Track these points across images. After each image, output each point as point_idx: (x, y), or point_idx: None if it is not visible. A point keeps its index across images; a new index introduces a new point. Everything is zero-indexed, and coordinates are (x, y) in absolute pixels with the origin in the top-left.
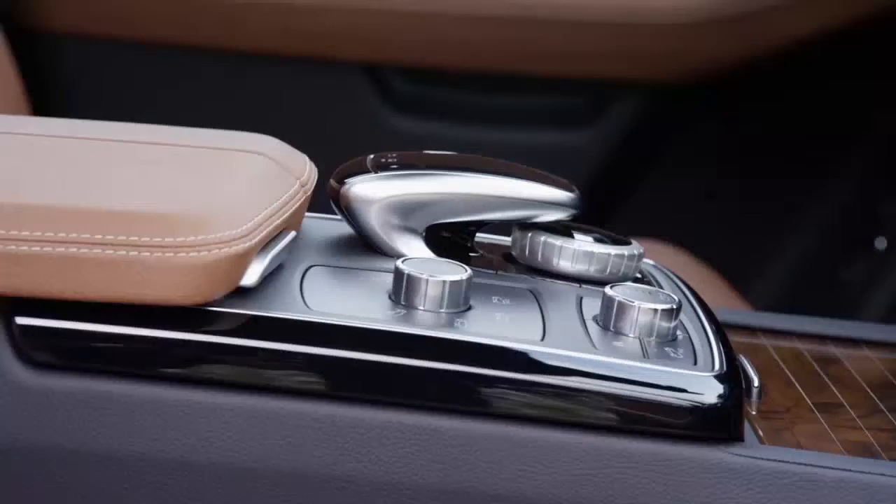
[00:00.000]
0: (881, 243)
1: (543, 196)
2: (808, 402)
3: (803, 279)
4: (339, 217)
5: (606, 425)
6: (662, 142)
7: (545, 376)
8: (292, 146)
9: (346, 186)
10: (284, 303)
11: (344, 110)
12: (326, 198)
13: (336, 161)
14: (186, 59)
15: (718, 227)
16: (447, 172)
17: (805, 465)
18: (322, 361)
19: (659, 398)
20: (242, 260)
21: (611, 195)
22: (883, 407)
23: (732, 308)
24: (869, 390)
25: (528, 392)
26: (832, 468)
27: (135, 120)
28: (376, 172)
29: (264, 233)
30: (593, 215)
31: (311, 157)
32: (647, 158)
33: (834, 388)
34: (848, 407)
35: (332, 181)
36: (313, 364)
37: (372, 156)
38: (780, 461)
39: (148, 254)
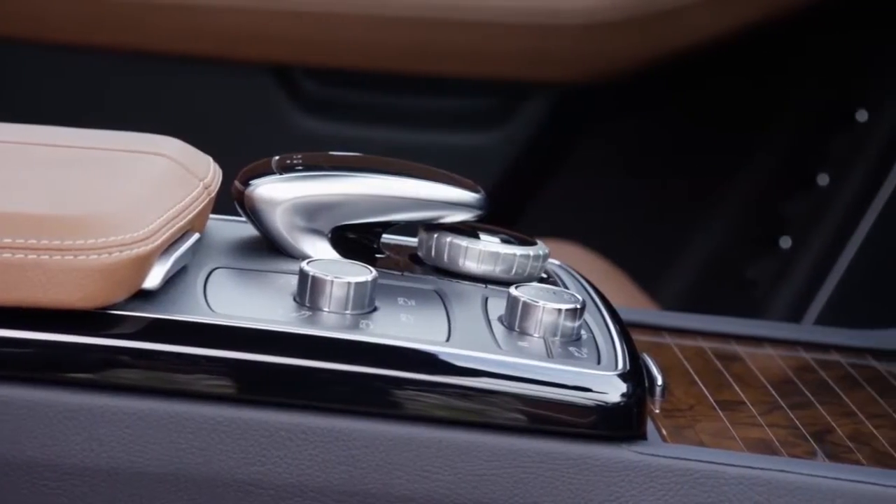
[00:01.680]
0: (786, 242)
1: (448, 197)
2: (711, 399)
3: (710, 278)
4: (243, 219)
5: (511, 425)
6: (571, 142)
7: (450, 377)
8: (201, 148)
9: (251, 188)
10: (187, 305)
11: (253, 111)
12: (232, 200)
13: (245, 163)
14: (91, 61)
15: (626, 226)
16: (352, 174)
17: (707, 462)
18: (225, 364)
19: (562, 397)
20: (144, 262)
21: (520, 196)
22: (783, 404)
23: (638, 307)
24: (770, 388)
25: (432, 393)
26: (733, 465)
27: (39, 122)
28: (281, 174)
29: (166, 235)
30: (503, 216)
31: (220, 159)
32: (555, 159)
33: (736, 386)
34: (749, 404)
35: (236, 183)
36: (217, 367)
37: (277, 157)
38: (682, 459)
39: (47, 257)
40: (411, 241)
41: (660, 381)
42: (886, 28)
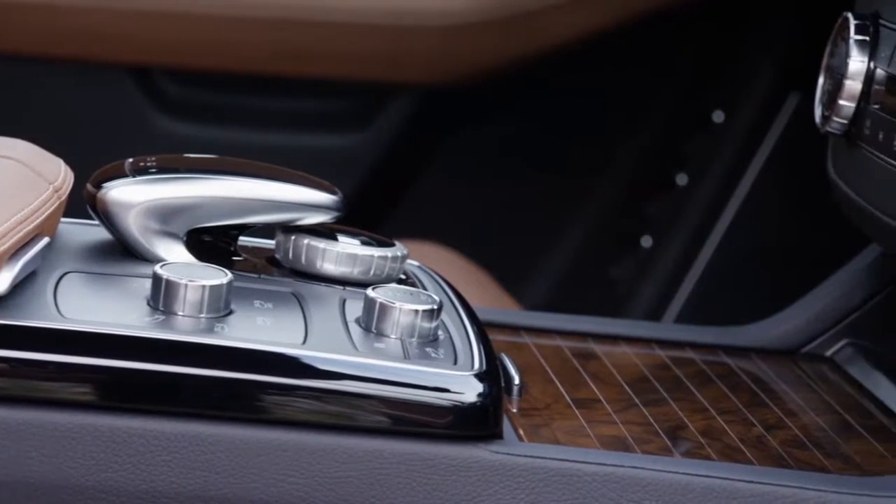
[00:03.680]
0: (647, 241)
1: (305, 199)
2: (567, 398)
3: (573, 278)
4: (96, 222)
5: (367, 427)
6: (433, 144)
7: (305, 380)
8: (60, 151)
9: (103, 190)
10: (36, 310)
11: (112, 114)
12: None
13: (105, 165)
14: None
15: (490, 227)
16: (207, 175)
17: (561, 460)
18: (76, 370)
19: (419, 398)
20: None
21: (383, 198)
22: (638, 401)
23: (500, 308)
24: (625, 385)
25: (288, 396)
26: (588, 462)
27: None
28: (134, 176)
29: (13, 239)
30: (365, 218)
31: (78, 162)
32: (418, 161)
33: (592, 385)
34: (604, 402)
35: (88, 185)
36: (67, 373)
37: (130, 159)
38: (537, 457)
39: None
40: (269, 243)
41: (517, 381)
42: (740, 30)
